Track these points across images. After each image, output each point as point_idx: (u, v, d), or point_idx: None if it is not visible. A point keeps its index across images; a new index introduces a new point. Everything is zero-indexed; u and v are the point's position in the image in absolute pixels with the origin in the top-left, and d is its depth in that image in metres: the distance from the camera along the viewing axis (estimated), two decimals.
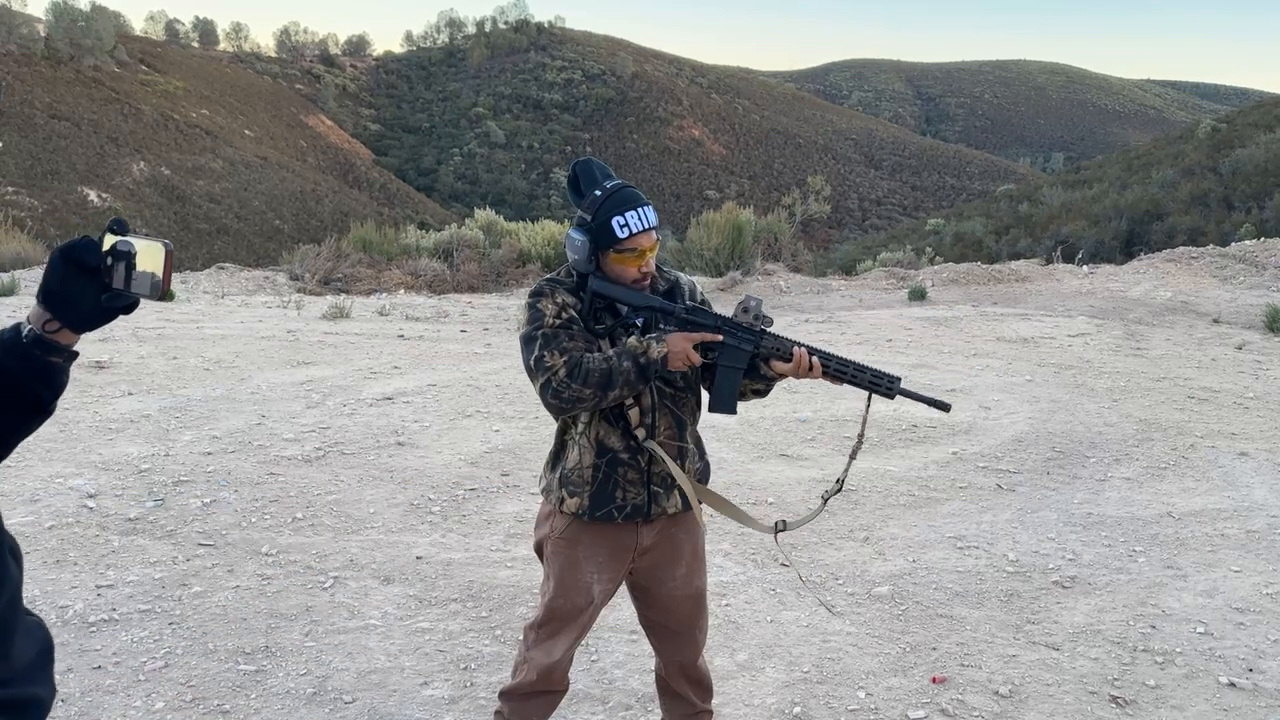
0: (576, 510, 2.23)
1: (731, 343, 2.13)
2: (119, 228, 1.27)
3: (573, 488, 2.23)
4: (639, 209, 2.13)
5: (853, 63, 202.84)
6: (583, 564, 2.27)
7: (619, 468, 2.21)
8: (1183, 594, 3.84)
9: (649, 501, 2.23)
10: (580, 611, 2.31)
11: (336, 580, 3.77)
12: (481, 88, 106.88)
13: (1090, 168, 48.26)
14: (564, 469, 2.25)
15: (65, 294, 1.20)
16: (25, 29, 66.14)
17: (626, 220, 2.11)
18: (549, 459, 2.34)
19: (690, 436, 2.29)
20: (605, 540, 2.26)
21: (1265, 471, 5.36)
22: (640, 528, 2.27)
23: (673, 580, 2.34)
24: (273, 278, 14.46)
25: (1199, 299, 11.70)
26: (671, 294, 2.29)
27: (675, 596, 2.35)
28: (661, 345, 2.10)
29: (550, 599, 2.30)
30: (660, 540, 2.30)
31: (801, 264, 16.69)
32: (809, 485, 4.99)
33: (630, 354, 2.09)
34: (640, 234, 2.12)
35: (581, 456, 2.22)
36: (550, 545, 2.30)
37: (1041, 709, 3.00)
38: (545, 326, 2.13)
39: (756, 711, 2.96)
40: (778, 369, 2.16)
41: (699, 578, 2.39)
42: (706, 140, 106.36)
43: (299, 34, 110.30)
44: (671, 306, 2.15)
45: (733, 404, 2.18)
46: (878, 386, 2.17)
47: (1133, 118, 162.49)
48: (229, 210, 58.55)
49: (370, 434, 5.68)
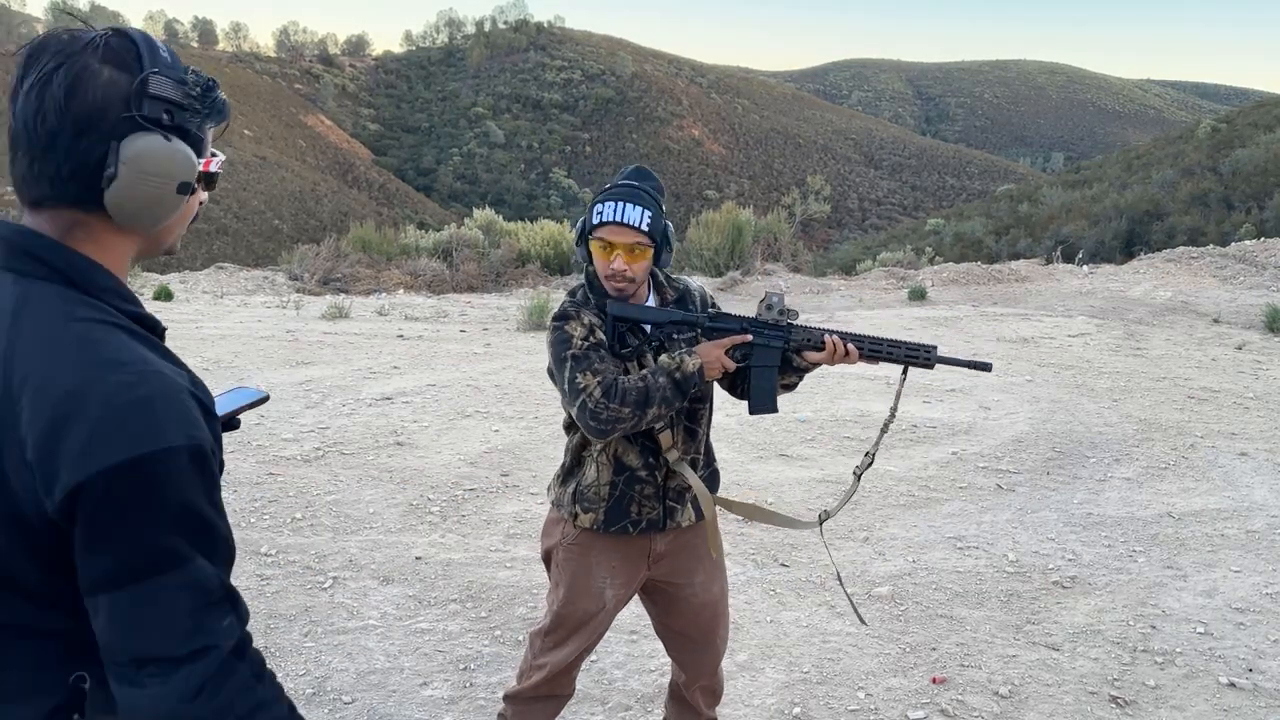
0: (590, 525, 2.19)
1: (761, 342, 2.11)
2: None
3: (588, 504, 2.18)
4: (621, 202, 2.04)
5: (853, 63, 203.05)
6: (595, 570, 2.23)
7: (636, 484, 2.17)
8: (1183, 594, 3.83)
9: (664, 516, 2.20)
10: (590, 617, 2.27)
11: (336, 580, 3.77)
12: (481, 87, 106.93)
13: (1090, 168, 48.28)
14: (579, 485, 2.20)
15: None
16: (25, 29, 66.17)
17: (604, 208, 2.04)
18: (561, 473, 2.28)
19: (701, 446, 2.26)
20: (619, 547, 2.23)
21: (1265, 471, 5.36)
22: (654, 537, 2.23)
23: (691, 587, 2.29)
24: (272, 278, 14.46)
25: (1199, 299, 11.70)
26: (682, 302, 2.24)
27: (694, 604, 2.31)
28: (694, 357, 2.05)
29: (559, 606, 2.27)
30: (676, 547, 2.26)
31: (801, 264, 16.69)
32: (809, 485, 4.99)
33: (665, 371, 2.04)
34: (610, 224, 2.04)
35: (600, 474, 2.17)
36: (561, 552, 2.26)
37: (1041, 709, 2.99)
38: (575, 349, 2.05)
39: (756, 711, 2.95)
40: (811, 359, 2.12)
41: (718, 584, 2.34)
42: (706, 140, 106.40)
43: (298, 34, 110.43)
44: (695, 317, 2.12)
45: (774, 402, 2.14)
46: (914, 358, 2.11)
47: (1133, 118, 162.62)
48: (228, 210, 58.56)
49: (369, 434, 5.67)
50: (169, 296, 11.59)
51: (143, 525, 0.98)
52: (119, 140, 1.04)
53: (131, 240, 1.12)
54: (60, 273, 1.06)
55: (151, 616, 0.99)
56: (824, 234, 65.52)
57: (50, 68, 1.03)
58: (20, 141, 1.05)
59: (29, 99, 1.04)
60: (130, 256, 1.14)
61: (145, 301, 11.27)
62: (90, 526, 0.97)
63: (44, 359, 1.00)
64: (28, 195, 1.08)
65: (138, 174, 1.04)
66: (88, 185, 1.05)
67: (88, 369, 0.99)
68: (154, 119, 1.06)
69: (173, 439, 1.00)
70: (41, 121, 1.03)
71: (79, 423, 0.97)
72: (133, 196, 1.05)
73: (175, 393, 1.03)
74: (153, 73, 1.05)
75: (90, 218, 1.07)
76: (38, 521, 0.99)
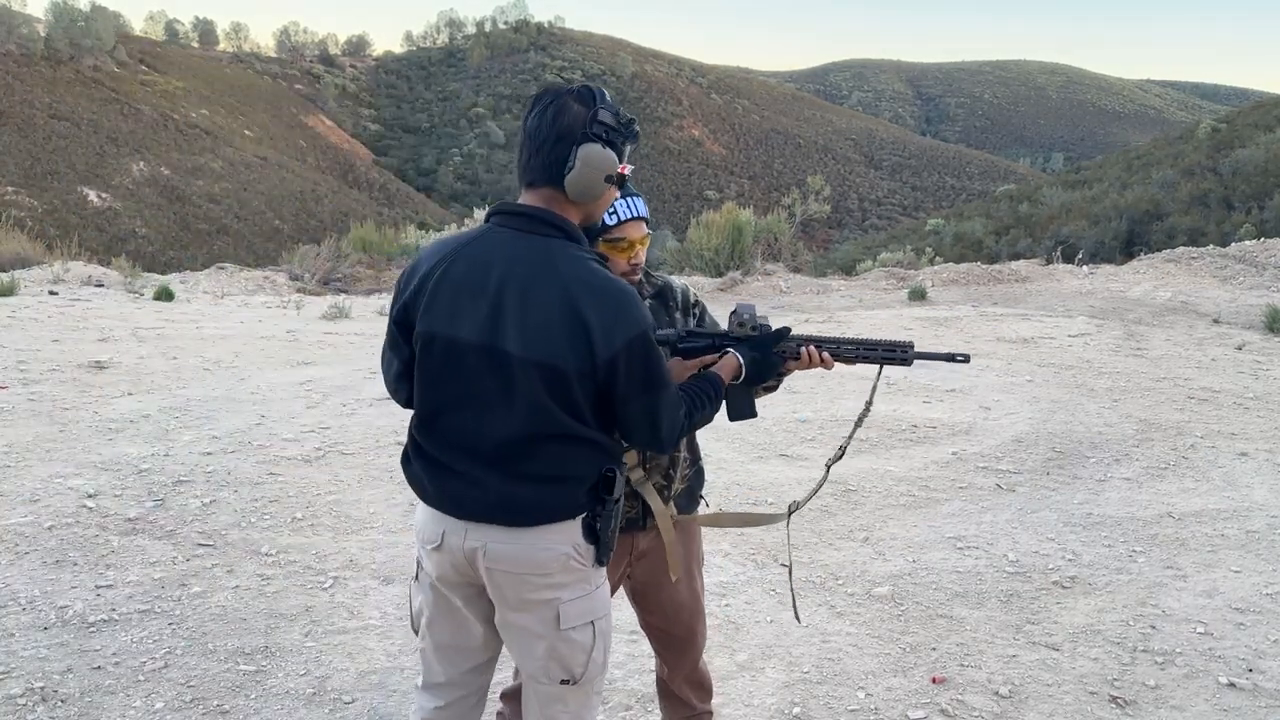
0: None
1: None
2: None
3: None
4: (628, 197, 2.06)
5: (853, 63, 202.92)
6: None
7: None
8: (1183, 594, 3.83)
9: (643, 514, 2.20)
10: None
11: (336, 580, 3.77)
12: (481, 88, 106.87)
13: (1090, 168, 48.22)
14: None
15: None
16: (25, 29, 66.16)
17: (615, 207, 2.03)
18: None
19: (685, 446, 2.27)
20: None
21: (1265, 471, 5.36)
22: (636, 535, 2.23)
23: (671, 585, 2.30)
24: (272, 278, 14.46)
25: (1199, 299, 11.70)
26: (662, 297, 2.25)
27: (675, 601, 2.33)
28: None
29: None
30: (657, 544, 2.27)
31: (801, 264, 16.69)
32: (809, 485, 4.99)
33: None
34: (629, 222, 2.06)
35: None
36: None
37: (1041, 709, 2.99)
38: None
39: (756, 711, 2.96)
40: (789, 368, 2.13)
41: (697, 580, 2.37)
42: (706, 140, 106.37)
43: (299, 34, 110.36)
44: (667, 336, 2.09)
45: (752, 409, 2.14)
46: (892, 358, 2.11)
47: (1133, 118, 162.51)
48: (229, 210, 58.54)
49: (370, 434, 5.67)
50: (169, 296, 11.59)
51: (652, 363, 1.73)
52: (578, 146, 1.71)
53: (579, 211, 1.79)
54: (560, 229, 1.74)
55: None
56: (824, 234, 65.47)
57: (548, 101, 1.75)
58: (528, 144, 1.75)
59: (538, 118, 1.74)
60: (578, 222, 1.80)
61: (145, 301, 11.27)
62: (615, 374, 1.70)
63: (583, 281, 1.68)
64: (526, 178, 1.77)
65: (586, 166, 1.71)
66: (558, 173, 1.73)
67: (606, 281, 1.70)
68: (597, 135, 1.72)
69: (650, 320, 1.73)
70: (540, 132, 1.74)
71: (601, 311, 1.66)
72: (580, 180, 1.72)
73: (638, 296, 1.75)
74: (600, 108, 1.74)
75: (558, 194, 1.75)
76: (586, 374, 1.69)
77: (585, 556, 1.79)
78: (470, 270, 1.73)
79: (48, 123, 59.32)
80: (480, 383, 1.72)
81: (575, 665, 1.82)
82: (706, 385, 1.96)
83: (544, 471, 1.74)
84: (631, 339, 1.67)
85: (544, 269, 1.68)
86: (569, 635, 1.80)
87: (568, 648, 1.80)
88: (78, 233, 25.75)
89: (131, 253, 24.14)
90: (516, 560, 1.75)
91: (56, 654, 3.11)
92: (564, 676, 1.82)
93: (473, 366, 1.72)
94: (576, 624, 1.79)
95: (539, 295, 1.67)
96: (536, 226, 1.73)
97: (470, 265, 1.73)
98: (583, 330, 1.65)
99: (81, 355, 7.36)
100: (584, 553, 1.78)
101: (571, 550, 1.77)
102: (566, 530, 1.76)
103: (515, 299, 1.68)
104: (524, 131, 1.77)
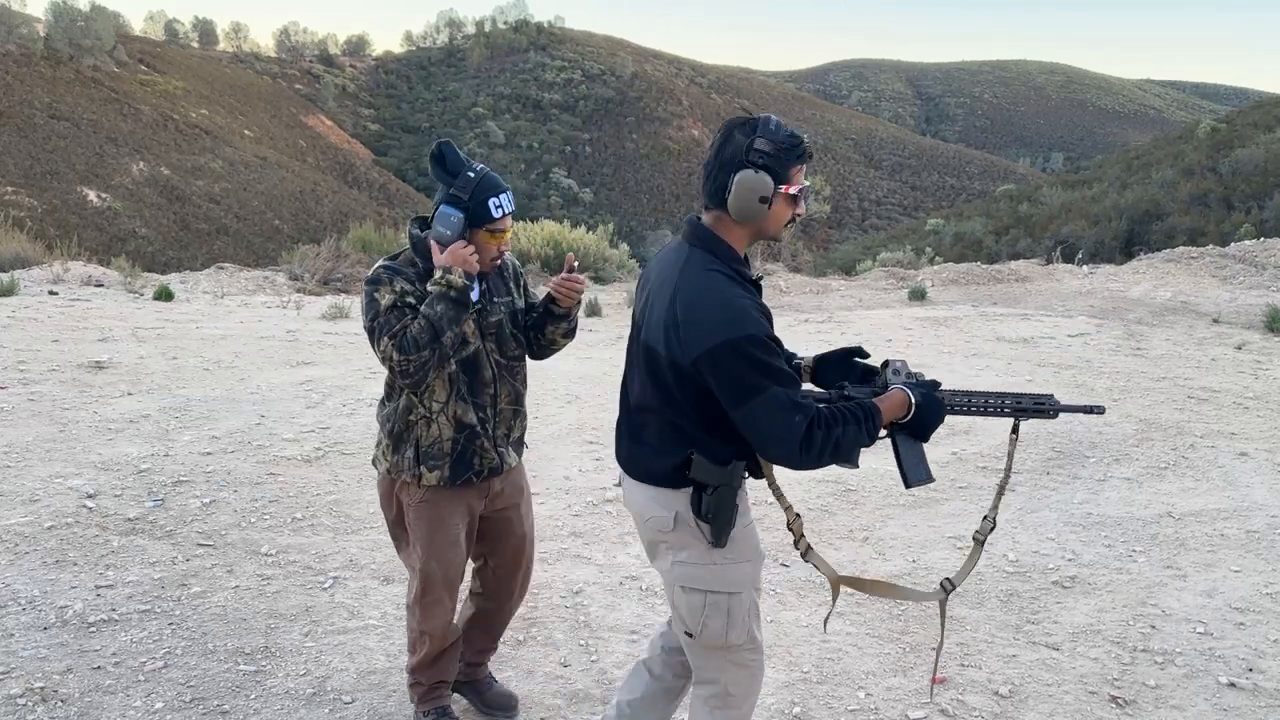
0: (438, 481, 2.47)
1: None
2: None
3: (433, 462, 2.46)
4: (507, 194, 2.43)
5: (852, 63, 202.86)
6: (448, 520, 2.51)
7: (475, 439, 2.49)
8: (1183, 594, 3.83)
9: (501, 462, 2.56)
10: (457, 567, 2.56)
11: (336, 580, 3.77)
12: (481, 88, 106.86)
13: (1090, 168, 48.23)
14: (420, 446, 2.46)
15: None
16: (25, 29, 66.11)
17: (501, 202, 2.41)
18: (390, 440, 2.50)
19: (523, 402, 2.64)
20: (465, 496, 2.53)
21: (1265, 471, 5.36)
22: (493, 481, 2.57)
23: (520, 520, 2.69)
24: (272, 278, 14.45)
25: (1199, 299, 11.70)
26: (501, 269, 2.58)
27: (517, 533, 2.69)
28: (453, 270, 2.34)
29: (424, 563, 2.52)
30: (508, 485, 2.64)
31: (801, 264, 16.69)
32: (809, 485, 4.99)
33: (435, 298, 2.32)
34: (508, 216, 2.44)
35: (440, 431, 2.45)
36: (412, 513, 2.51)
37: (1041, 709, 2.99)
38: (380, 315, 2.34)
39: (756, 711, 2.95)
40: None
41: (530, 516, 2.76)
42: (706, 140, 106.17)
43: (298, 34, 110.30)
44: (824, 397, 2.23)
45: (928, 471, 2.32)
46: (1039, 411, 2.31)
47: (1133, 118, 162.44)
48: (228, 210, 58.52)
49: (370, 434, 5.67)
50: (169, 296, 11.58)
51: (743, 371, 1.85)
52: (736, 172, 1.93)
53: (745, 230, 2.01)
54: (704, 243, 2.01)
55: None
56: (824, 234, 65.50)
57: (720, 132, 2.00)
58: (704, 171, 2.01)
59: (711, 149, 2.01)
60: (747, 239, 2.03)
61: (145, 301, 11.27)
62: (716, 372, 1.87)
63: (691, 286, 1.93)
64: (704, 200, 2.03)
65: (740, 190, 1.93)
66: (722, 199, 1.97)
67: (708, 290, 1.91)
68: (752, 162, 1.93)
69: (750, 329, 1.86)
70: (711, 162, 2.00)
71: (701, 316, 1.88)
72: (737, 204, 1.94)
73: (749, 307, 1.90)
74: (758, 137, 1.93)
75: (725, 215, 1.99)
76: (683, 370, 1.92)
77: (694, 527, 2.01)
78: (652, 270, 2.13)
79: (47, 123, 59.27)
80: (634, 360, 2.12)
81: (690, 622, 2.05)
82: (858, 409, 2.02)
83: (648, 440, 2.07)
84: (716, 345, 1.85)
85: (674, 274, 1.99)
86: (680, 593, 2.05)
87: (681, 601, 2.05)
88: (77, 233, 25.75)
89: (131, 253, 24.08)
90: (632, 505, 2.13)
91: (56, 654, 3.11)
92: (684, 628, 2.08)
93: (632, 348, 2.14)
94: (686, 585, 2.03)
95: (663, 293, 1.99)
96: (692, 240, 2.04)
97: (655, 266, 2.12)
98: (675, 326, 1.93)
99: (81, 355, 7.36)
100: (691, 523, 2.01)
101: (675, 516, 2.02)
102: (669, 497, 2.02)
103: (656, 296, 2.03)
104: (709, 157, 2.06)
